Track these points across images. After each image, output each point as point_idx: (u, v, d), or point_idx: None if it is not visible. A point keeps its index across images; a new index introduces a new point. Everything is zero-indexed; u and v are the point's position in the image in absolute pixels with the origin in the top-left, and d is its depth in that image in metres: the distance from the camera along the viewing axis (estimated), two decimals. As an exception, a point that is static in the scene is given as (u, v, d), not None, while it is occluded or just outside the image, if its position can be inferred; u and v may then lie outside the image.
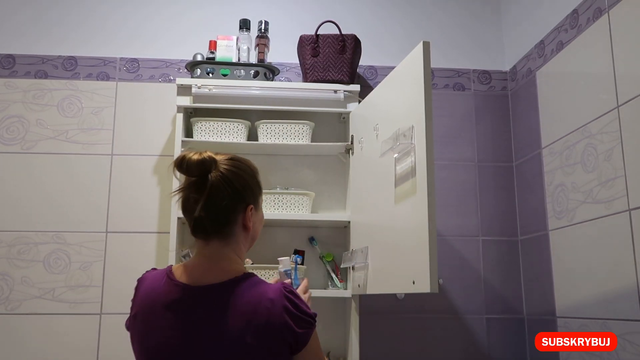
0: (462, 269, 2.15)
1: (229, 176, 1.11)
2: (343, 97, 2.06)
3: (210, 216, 1.10)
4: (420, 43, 1.49)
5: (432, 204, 1.40)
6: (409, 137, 1.51)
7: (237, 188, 1.12)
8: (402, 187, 1.56)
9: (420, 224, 1.42)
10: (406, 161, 1.54)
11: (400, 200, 1.57)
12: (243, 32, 2.14)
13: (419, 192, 1.44)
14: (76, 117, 2.17)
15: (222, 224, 1.12)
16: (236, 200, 1.12)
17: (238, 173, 1.13)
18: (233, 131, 2.04)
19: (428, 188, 1.40)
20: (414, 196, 1.47)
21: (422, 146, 1.45)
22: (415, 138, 1.49)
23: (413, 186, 1.48)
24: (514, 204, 2.22)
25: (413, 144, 1.49)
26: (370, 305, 2.06)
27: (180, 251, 1.99)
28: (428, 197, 1.40)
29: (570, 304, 1.82)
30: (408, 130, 1.52)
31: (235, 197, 1.12)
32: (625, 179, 1.56)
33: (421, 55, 1.48)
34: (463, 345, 2.12)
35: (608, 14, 1.66)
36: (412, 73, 1.53)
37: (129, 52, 2.24)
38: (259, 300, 1.04)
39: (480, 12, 2.40)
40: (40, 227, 2.08)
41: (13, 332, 2.00)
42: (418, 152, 1.47)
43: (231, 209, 1.12)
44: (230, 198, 1.11)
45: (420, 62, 1.48)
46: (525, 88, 2.17)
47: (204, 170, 1.09)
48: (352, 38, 2.11)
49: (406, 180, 1.53)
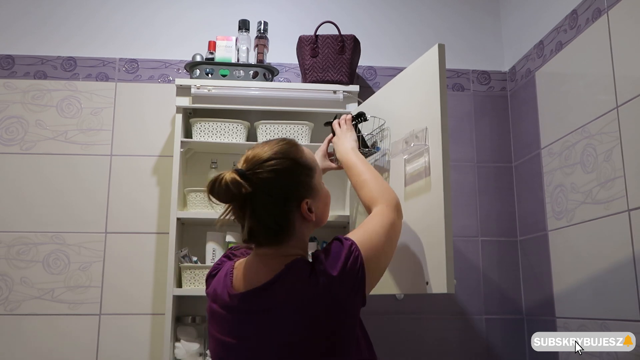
0: (461, 269, 2.15)
1: (265, 187, 1.04)
2: (342, 98, 2.06)
3: (261, 230, 1.06)
4: (436, 45, 1.50)
5: (448, 202, 1.38)
6: (421, 138, 1.51)
7: (279, 193, 1.06)
8: (413, 186, 1.55)
9: (436, 223, 1.40)
10: (418, 161, 1.54)
11: (410, 198, 1.57)
12: (242, 33, 2.14)
13: (434, 191, 1.43)
14: (75, 118, 2.17)
15: (275, 233, 1.07)
16: (282, 205, 1.06)
17: (275, 177, 1.06)
18: (232, 132, 2.04)
19: (444, 186, 1.39)
20: (428, 194, 1.46)
21: (437, 147, 1.44)
22: (430, 139, 1.49)
23: (427, 185, 1.47)
24: (513, 204, 2.22)
25: (427, 145, 1.49)
26: (370, 306, 2.04)
27: (180, 252, 1.99)
28: (444, 195, 1.38)
29: (570, 305, 1.83)
30: (421, 132, 1.52)
31: (280, 202, 1.06)
32: (625, 179, 1.56)
33: (436, 58, 1.48)
34: (462, 345, 2.12)
35: (607, 15, 1.66)
36: (426, 75, 1.53)
37: (128, 52, 2.24)
38: (301, 289, 1.02)
39: (480, 12, 2.40)
40: (40, 227, 2.08)
41: (12, 332, 2.00)
42: (432, 153, 1.47)
43: (280, 216, 1.06)
44: (274, 206, 1.05)
45: (435, 65, 1.48)
46: (525, 88, 2.17)
47: (236, 195, 1.03)
48: (351, 39, 2.11)
49: (419, 180, 1.52)
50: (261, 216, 1.05)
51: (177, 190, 1.95)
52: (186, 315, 1.98)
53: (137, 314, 2.04)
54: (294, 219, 1.09)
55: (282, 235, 1.08)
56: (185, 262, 1.96)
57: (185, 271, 1.93)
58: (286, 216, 1.07)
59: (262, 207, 1.05)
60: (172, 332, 1.90)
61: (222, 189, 1.02)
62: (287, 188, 1.07)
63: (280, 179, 1.06)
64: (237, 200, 1.05)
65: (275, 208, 1.06)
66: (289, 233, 1.09)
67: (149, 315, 2.04)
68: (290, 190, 1.07)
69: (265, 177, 1.05)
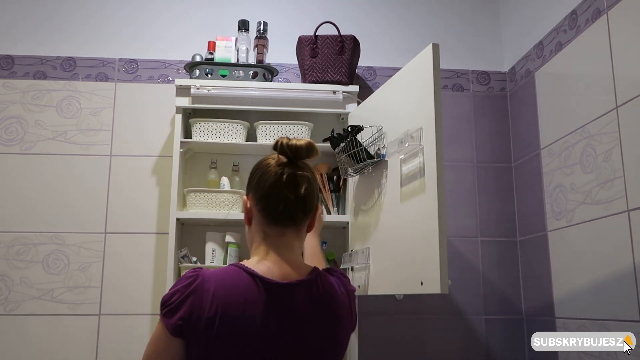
0: (461, 269, 2.15)
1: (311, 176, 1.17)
2: (342, 98, 2.06)
3: (305, 201, 1.12)
4: (430, 45, 1.48)
5: (442, 203, 1.39)
6: (416, 138, 1.51)
7: (316, 185, 1.19)
8: (408, 187, 1.56)
9: (430, 224, 1.41)
10: (413, 162, 1.54)
11: (406, 199, 1.57)
12: (242, 33, 2.14)
13: (429, 192, 1.44)
14: (75, 118, 2.17)
15: (306, 213, 1.14)
16: (317, 194, 1.18)
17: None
18: (232, 132, 2.04)
19: (438, 187, 1.39)
20: (423, 195, 1.46)
21: (431, 147, 1.44)
22: (424, 139, 1.48)
23: (422, 185, 1.47)
24: (512, 204, 2.22)
25: (422, 145, 1.49)
26: (369, 306, 2.06)
27: (179, 252, 1.99)
28: (438, 196, 1.39)
29: (569, 305, 1.82)
30: (416, 131, 1.51)
31: (317, 191, 1.18)
32: (624, 179, 1.56)
33: (430, 58, 1.47)
34: (462, 346, 2.12)
35: (607, 15, 1.66)
36: (421, 75, 1.52)
37: (128, 52, 2.24)
38: (335, 292, 1.13)
39: (479, 12, 2.40)
40: (39, 227, 2.08)
41: (12, 333, 2.00)
42: (427, 153, 1.46)
43: (316, 199, 1.16)
44: (317, 189, 1.18)
45: (429, 64, 1.47)
46: (524, 89, 2.17)
47: (310, 157, 1.14)
48: (350, 39, 2.11)
49: (414, 180, 1.53)
50: (310, 190, 1.14)
51: (176, 191, 1.96)
52: (186, 316, 1.98)
53: (137, 314, 2.04)
54: (311, 215, 1.20)
55: (305, 221, 1.16)
56: (184, 263, 1.96)
57: (185, 271, 1.93)
58: (314, 206, 1.19)
59: (314, 183, 1.16)
60: (172, 333, 1.89)
61: (303, 146, 1.14)
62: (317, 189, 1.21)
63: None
64: (302, 166, 1.16)
65: (317, 191, 1.19)
66: (305, 225, 1.20)
67: (149, 316, 2.04)
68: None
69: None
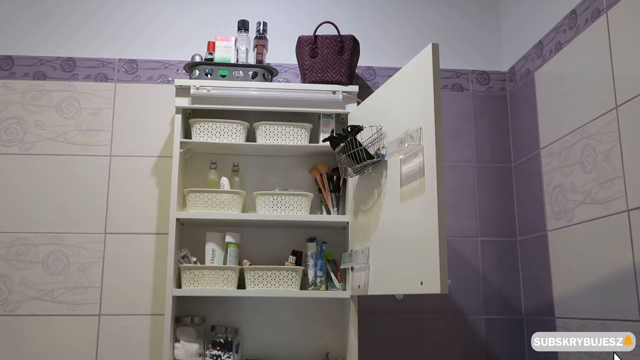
0: (460, 269, 2.15)
1: None
2: (341, 98, 2.06)
3: None
4: (429, 45, 1.48)
5: (442, 203, 1.39)
6: (416, 138, 1.51)
7: None
8: (408, 187, 1.55)
9: (430, 224, 1.41)
10: (413, 162, 1.54)
11: (406, 199, 1.56)
12: (241, 33, 2.14)
13: (428, 192, 1.44)
14: (75, 118, 2.16)
15: None
16: None
17: None
18: (232, 132, 2.04)
19: (438, 187, 1.39)
20: (423, 195, 1.46)
21: (431, 147, 1.44)
22: (424, 139, 1.48)
23: (422, 185, 1.47)
24: (512, 204, 2.22)
25: (421, 145, 1.49)
26: (369, 306, 2.06)
27: (179, 252, 1.99)
28: (438, 196, 1.39)
29: (569, 305, 1.82)
30: (416, 131, 1.51)
31: None
32: (624, 179, 1.56)
33: (430, 58, 1.47)
34: (462, 346, 2.12)
35: (606, 15, 1.66)
36: (420, 75, 1.52)
37: (128, 53, 2.24)
38: None
39: (479, 12, 2.40)
40: (39, 228, 2.08)
41: (12, 333, 2.00)
42: (427, 153, 1.46)
43: None
44: None
45: (429, 64, 1.47)
46: (524, 89, 2.17)
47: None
48: (350, 39, 2.11)
49: (414, 180, 1.52)
50: None
51: (176, 191, 1.95)
52: (185, 316, 1.98)
53: (137, 315, 2.04)
54: None
55: None
56: (184, 263, 1.96)
57: (185, 272, 1.93)
58: None
59: None
60: (172, 333, 1.90)
61: None
62: None
63: None
64: None
65: None
66: None
67: (149, 316, 2.04)
68: None
69: None
